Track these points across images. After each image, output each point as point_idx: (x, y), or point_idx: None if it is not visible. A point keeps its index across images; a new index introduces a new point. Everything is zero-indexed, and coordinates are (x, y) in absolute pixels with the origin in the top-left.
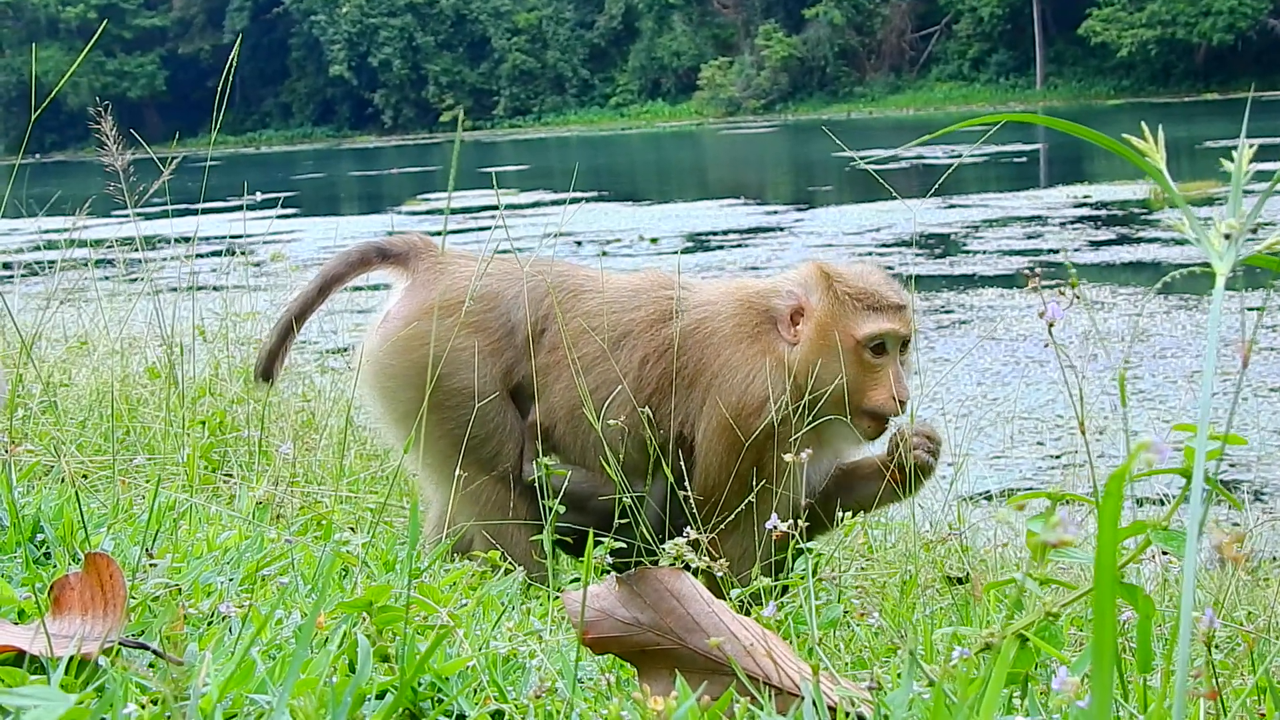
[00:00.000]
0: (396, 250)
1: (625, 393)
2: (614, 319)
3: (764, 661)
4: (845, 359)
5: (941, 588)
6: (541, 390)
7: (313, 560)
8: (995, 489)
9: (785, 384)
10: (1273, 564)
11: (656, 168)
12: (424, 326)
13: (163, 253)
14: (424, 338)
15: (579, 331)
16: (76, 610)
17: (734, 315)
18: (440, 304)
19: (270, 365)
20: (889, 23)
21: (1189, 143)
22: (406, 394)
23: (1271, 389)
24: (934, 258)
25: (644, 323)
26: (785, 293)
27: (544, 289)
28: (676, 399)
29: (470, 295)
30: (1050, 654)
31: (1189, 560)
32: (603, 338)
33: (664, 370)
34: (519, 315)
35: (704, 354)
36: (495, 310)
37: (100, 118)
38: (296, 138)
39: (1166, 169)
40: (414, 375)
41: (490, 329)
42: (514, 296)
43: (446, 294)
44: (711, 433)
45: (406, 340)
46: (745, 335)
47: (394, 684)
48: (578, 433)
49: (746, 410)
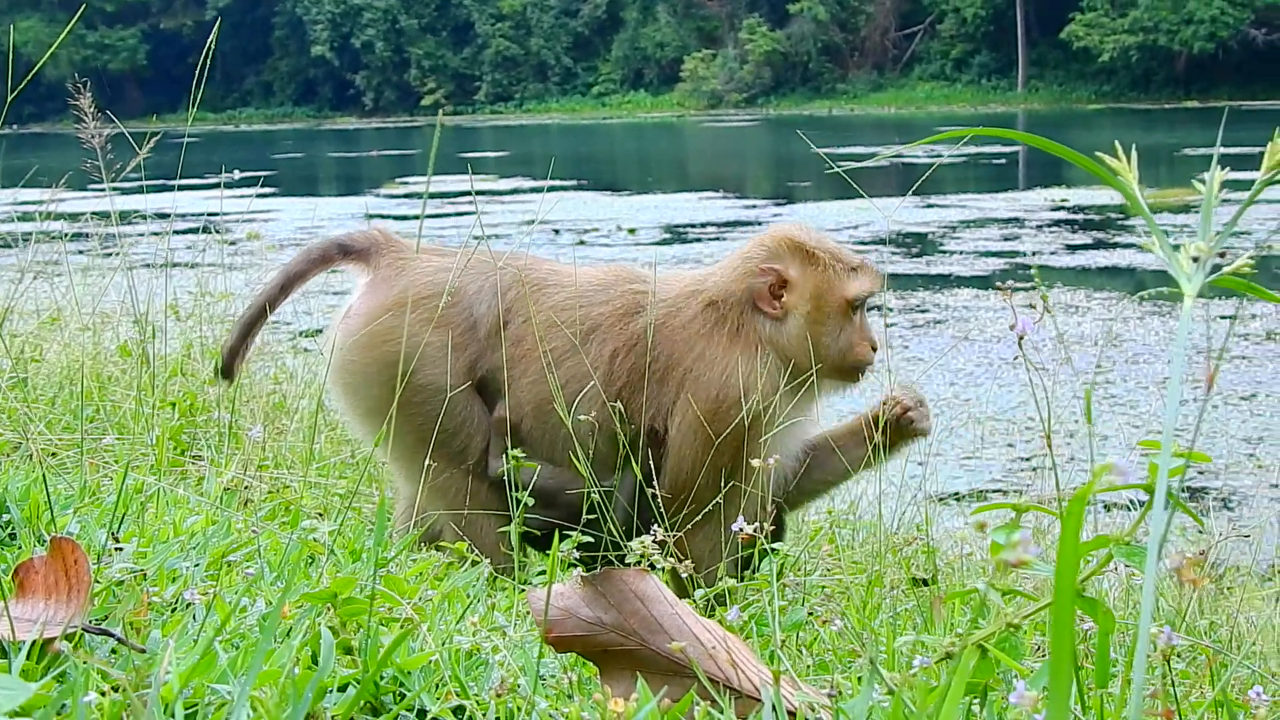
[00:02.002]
0: (358, 246)
1: (595, 387)
2: (582, 313)
3: (725, 665)
4: (834, 321)
5: (907, 589)
6: (508, 384)
7: (279, 547)
8: (965, 489)
9: (768, 367)
10: (1237, 573)
11: (637, 158)
12: (387, 323)
13: (138, 228)
14: (386, 334)
15: (547, 325)
16: (40, 594)
17: (704, 306)
18: (403, 300)
19: (231, 362)
20: (873, 20)
21: (1168, 150)
22: (371, 390)
23: (1241, 397)
24: (910, 257)
25: (612, 316)
26: (759, 270)
27: (507, 282)
28: (648, 393)
29: (447, 290)
30: (1009, 665)
31: (1148, 581)
32: (572, 332)
33: (634, 364)
34: (482, 310)
35: (675, 347)
36: (458, 305)
37: (79, 92)
38: (277, 117)
39: (1144, 177)
40: (377, 372)
41: (454, 323)
42: (476, 291)
43: (409, 290)
44: (686, 427)
45: (370, 337)
46: (717, 325)
47: (356, 678)
48: (545, 427)
49: (726, 404)
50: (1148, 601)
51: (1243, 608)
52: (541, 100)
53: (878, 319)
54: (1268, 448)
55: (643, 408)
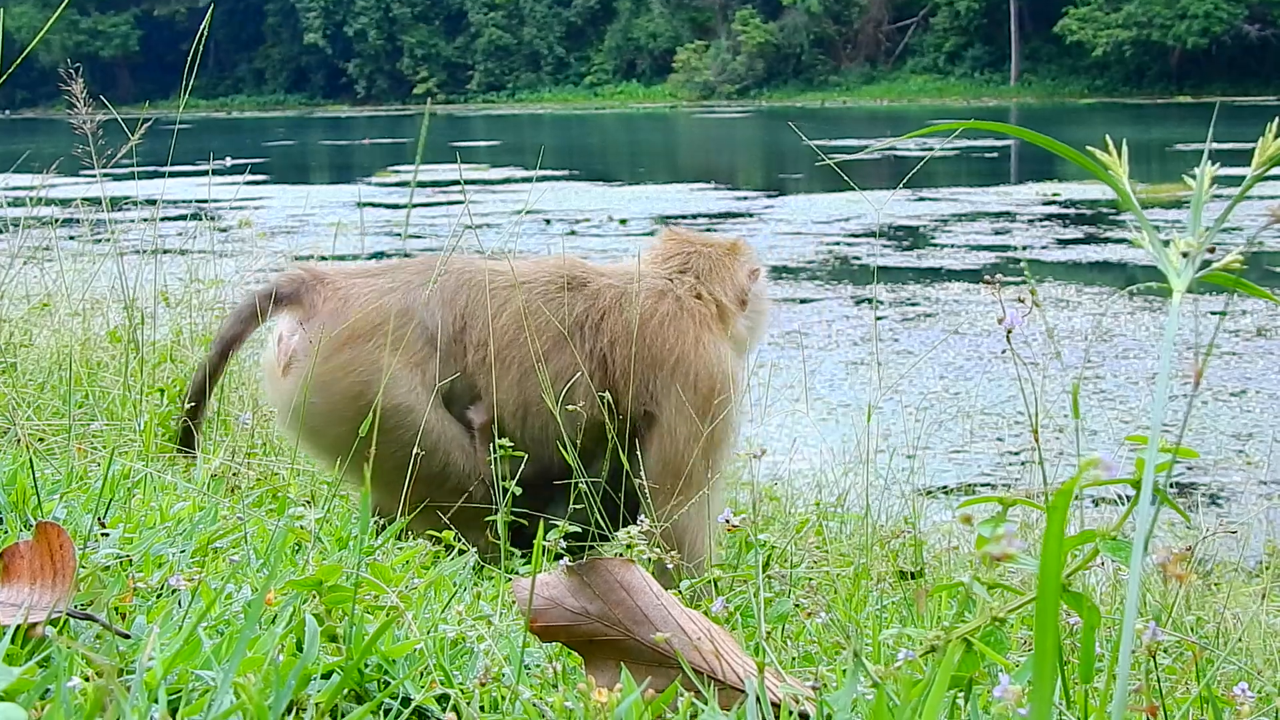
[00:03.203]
0: (286, 291)
1: (582, 381)
2: (556, 311)
3: (710, 656)
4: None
5: (894, 582)
6: (484, 391)
7: (266, 534)
8: (954, 483)
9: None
10: (1225, 569)
11: (628, 149)
12: (344, 357)
13: (129, 214)
14: (345, 368)
15: (515, 328)
16: (25, 579)
17: (694, 298)
18: (355, 333)
19: (188, 438)
20: (866, 13)
21: (1160, 145)
22: (336, 429)
23: (1231, 393)
24: (901, 250)
25: (595, 310)
26: (751, 271)
27: (453, 288)
28: (639, 381)
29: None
30: (994, 659)
31: (1133, 576)
32: (547, 331)
33: (627, 354)
34: (436, 320)
35: (667, 336)
36: (412, 322)
37: (72, 78)
38: (269, 104)
39: (1136, 172)
40: (341, 408)
41: (411, 342)
42: (425, 304)
43: (358, 321)
44: (675, 410)
45: (329, 374)
46: (707, 317)
47: (341, 665)
48: (526, 428)
49: (719, 387)
50: (1132, 596)
51: (1229, 603)
52: (534, 90)
53: (868, 312)
54: (1256, 444)
55: (631, 399)
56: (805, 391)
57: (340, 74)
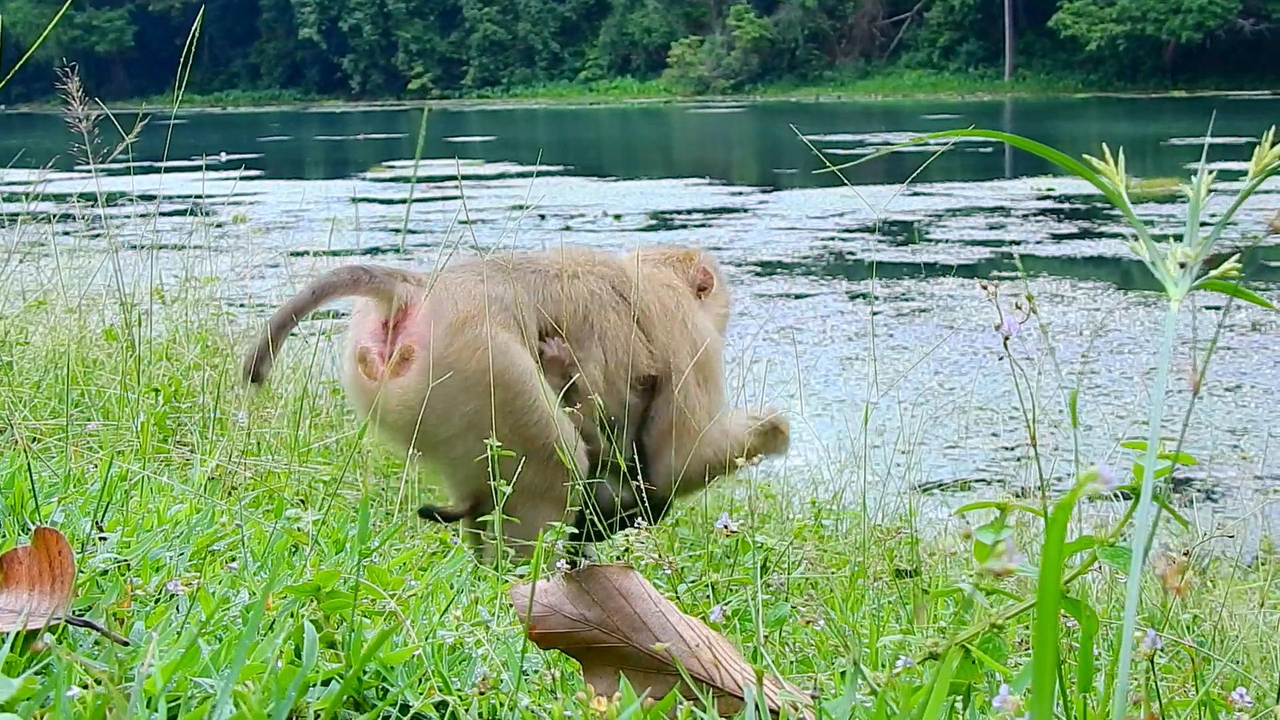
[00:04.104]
0: (379, 281)
1: (634, 345)
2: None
3: (709, 664)
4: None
5: (891, 581)
6: (573, 362)
7: (263, 536)
8: (949, 478)
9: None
10: (1221, 564)
11: (623, 144)
12: (465, 338)
13: (124, 210)
14: (469, 348)
15: (581, 308)
16: (24, 586)
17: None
18: (467, 317)
19: (260, 368)
20: (861, 7)
21: (1155, 139)
22: (465, 406)
23: (1226, 389)
24: (896, 245)
25: (619, 286)
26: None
27: (532, 280)
28: (663, 337)
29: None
30: (992, 667)
31: (1132, 589)
32: (615, 309)
33: (648, 317)
34: (524, 305)
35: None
36: (509, 308)
37: (67, 76)
38: (263, 99)
39: (1130, 167)
40: (474, 382)
41: (515, 324)
42: (512, 293)
43: (466, 306)
44: (686, 357)
45: (455, 355)
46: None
47: (340, 673)
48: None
49: (712, 342)
50: (1130, 609)
51: (1227, 602)
52: (529, 85)
53: (862, 307)
54: (1252, 439)
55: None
56: (800, 388)
57: (335, 69)
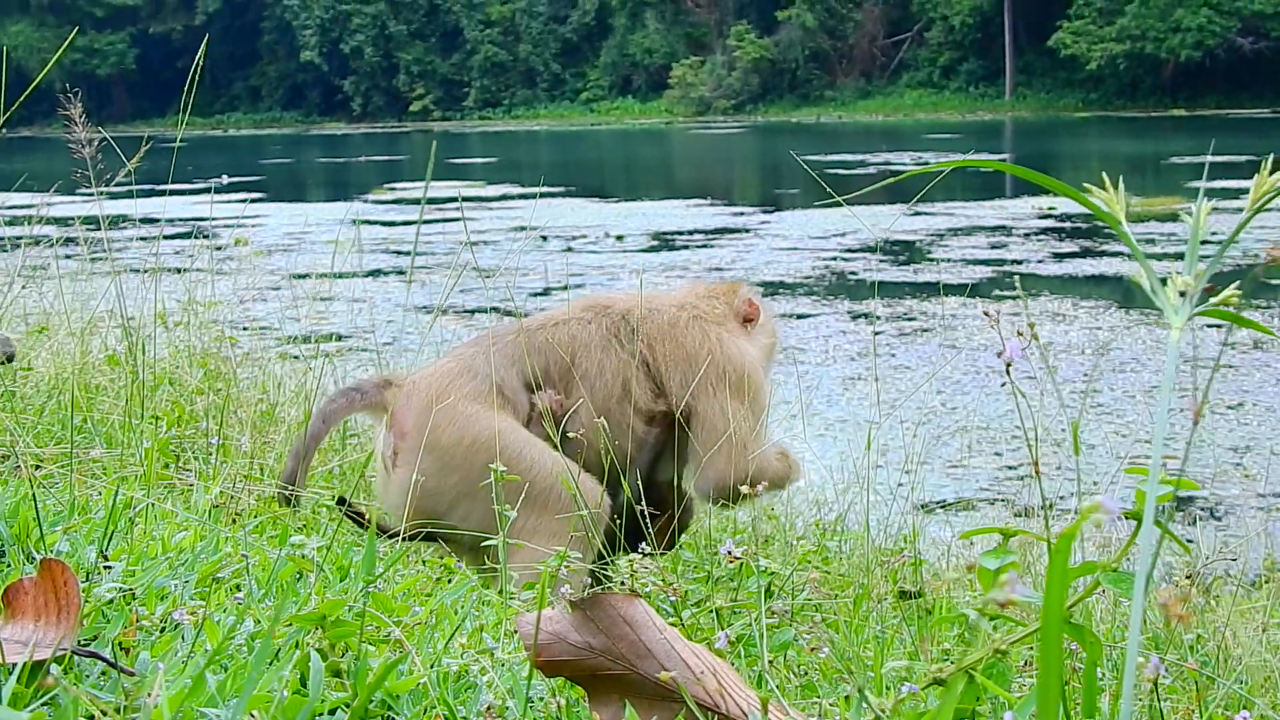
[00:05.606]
0: (368, 394)
1: (632, 381)
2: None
3: (714, 691)
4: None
5: (894, 602)
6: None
7: (268, 563)
8: (952, 497)
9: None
10: (1224, 582)
11: (625, 165)
12: (435, 419)
13: (126, 233)
14: (439, 427)
15: (568, 357)
16: (30, 616)
17: (700, 307)
18: (436, 396)
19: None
20: (861, 27)
21: (1155, 158)
22: (452, 477)
23: (1229, 406)
24: (898, 264)
25: (617, 323)
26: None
27: (508, 345)
28: (676, 377)
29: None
30: (997, 693)
31: (1135, 615)
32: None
33: (660, 354)
34: (504, 371)
35: (692, 335)
36: (477, 377)
37: (69, 101)
38: (265, 122)
39: (1130, 185)
40: (450, 457)
41: (486, 392)
42: (487, 360)
43: (433, 385)
44: (712, 396)
45: (431, 433)
46: (717, 318)
47: (346, 702)
48: (606, 437)
49: (748, 373)
50: (1133, 633)
51: (1230, 621)
52: (530, 106)
53: (864, 327)
54: (1254, 457)
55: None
56: (803, 408)
57: (336, 91)
